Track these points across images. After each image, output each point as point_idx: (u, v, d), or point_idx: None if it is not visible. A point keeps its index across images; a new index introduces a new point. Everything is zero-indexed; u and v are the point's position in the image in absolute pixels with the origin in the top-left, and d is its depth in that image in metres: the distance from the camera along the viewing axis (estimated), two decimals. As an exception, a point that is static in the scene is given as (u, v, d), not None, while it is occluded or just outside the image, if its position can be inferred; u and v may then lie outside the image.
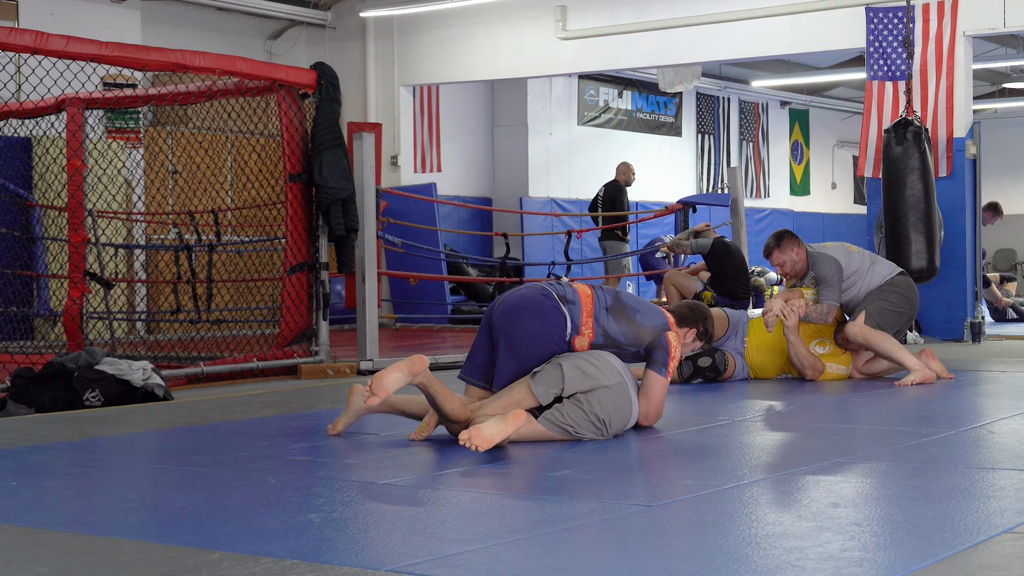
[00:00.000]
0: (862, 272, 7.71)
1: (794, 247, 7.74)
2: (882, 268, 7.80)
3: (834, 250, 7.75)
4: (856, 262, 7.73)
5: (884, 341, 7.45)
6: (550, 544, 3.28)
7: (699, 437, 5.30)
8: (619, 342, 5.27)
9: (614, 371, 5.11)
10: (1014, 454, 4.74)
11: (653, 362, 5.33)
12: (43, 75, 8.12)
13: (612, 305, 5.30)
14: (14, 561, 3.13)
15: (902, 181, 10.54)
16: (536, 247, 17.34)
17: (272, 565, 3.03)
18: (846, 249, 7.79)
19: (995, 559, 3.06)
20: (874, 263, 7.80)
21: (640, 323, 5.30)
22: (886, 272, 7.76)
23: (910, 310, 7.73)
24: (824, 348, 7.73)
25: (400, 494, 3.99)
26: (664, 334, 5.32)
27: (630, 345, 5.30)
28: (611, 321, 5.26)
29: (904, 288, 7.72)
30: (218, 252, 11.20)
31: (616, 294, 5.39)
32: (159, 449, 5.44)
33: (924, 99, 11.68)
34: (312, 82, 9.01)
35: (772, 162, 23.21)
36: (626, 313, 5.30)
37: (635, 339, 5.29)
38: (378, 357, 9.05)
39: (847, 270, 7.66)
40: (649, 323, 5.32)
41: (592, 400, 5.04)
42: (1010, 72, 20.55)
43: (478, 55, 14.80)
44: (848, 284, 7.68)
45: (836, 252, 7.72)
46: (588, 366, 5.07)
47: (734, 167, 15.15)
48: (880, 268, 7.79)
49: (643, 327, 5.30)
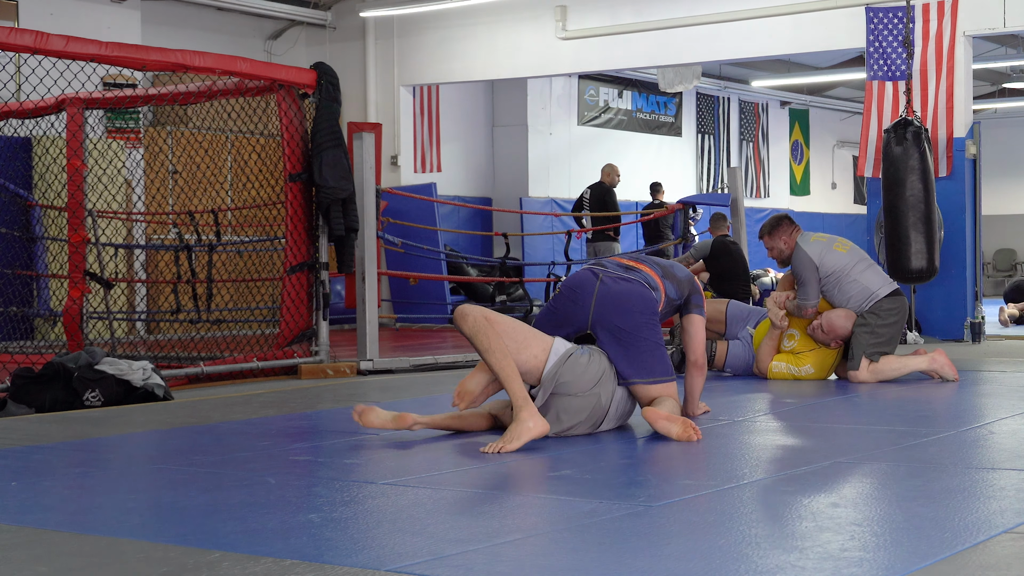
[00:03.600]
0: (842, 275, 7.53)
1: (784, 236, 7.74)
2: (873, 279, 7.58)
3: (816, 246, 7.61)
4: (838, 263, 7.55)
5: (889, 370, 7.44)
6: (550, 544, 3.28)
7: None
8: (675, 301, 5.60)
9: (590, 382, 5.18)
10: (1014, 454, 4.74)
11: (694, 306, 5.65)
12: (43, 75, 8.12)
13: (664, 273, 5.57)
14: (14, 561, 3.13)
15: (902, 181, 10.53)
16: (536, 247, 17.34)
17: (272, 565, 3.03)
18: (830, 248, 7.63)
19: (995, 559, 3.06)
20: (866, 270, 7.60)
21: (679, 277, 5.63)
22: (875, 286, 7.54)
23: (902, 322, 7.64)
24: (791, 342, 7.71)
25: (400, 494, 3.99)
26: (694, 280, 5.70)
27: (678, 300, 5.61)
28: (670, 286, 5.55)
29: (893, 313, 7.52)
30: (218, 252, 11.20)
31: (657, 262, 5.69)
32: (159, 449, 5.43)
33: (924, 99, 11.68)
34: (312, 82, 9.01)
35: (772, 162, 23.21)
36: (672, 274, 5.61)
37: (682, 294, 5.61)
38: (378, 357, 9.05)
39: (823, 270, 7.54)
40: (684, 275, 5.67)
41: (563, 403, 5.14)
42: (1010, 72, 20.56)
43: (478, 55, 14.81)
44: (825, 284, 7.59)
45: (817, 249, 7.58)
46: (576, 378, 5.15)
47: (734, 167, 15.15)
48: (871, 279, 7.57)
49: (683, 280, 5.63)
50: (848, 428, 5.87)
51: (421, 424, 5.21)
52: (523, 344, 5.07)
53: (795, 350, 7.67)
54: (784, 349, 7.70)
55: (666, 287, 5.51)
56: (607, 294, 5.32)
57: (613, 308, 5.29)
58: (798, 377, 7.61)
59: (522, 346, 5.07)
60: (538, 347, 5.10)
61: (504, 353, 4.96)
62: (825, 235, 7.90)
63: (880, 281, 7.62)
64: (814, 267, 7.53)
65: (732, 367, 7.91)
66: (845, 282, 7.55)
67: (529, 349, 5.08)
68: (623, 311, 5.29)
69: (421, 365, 9.16)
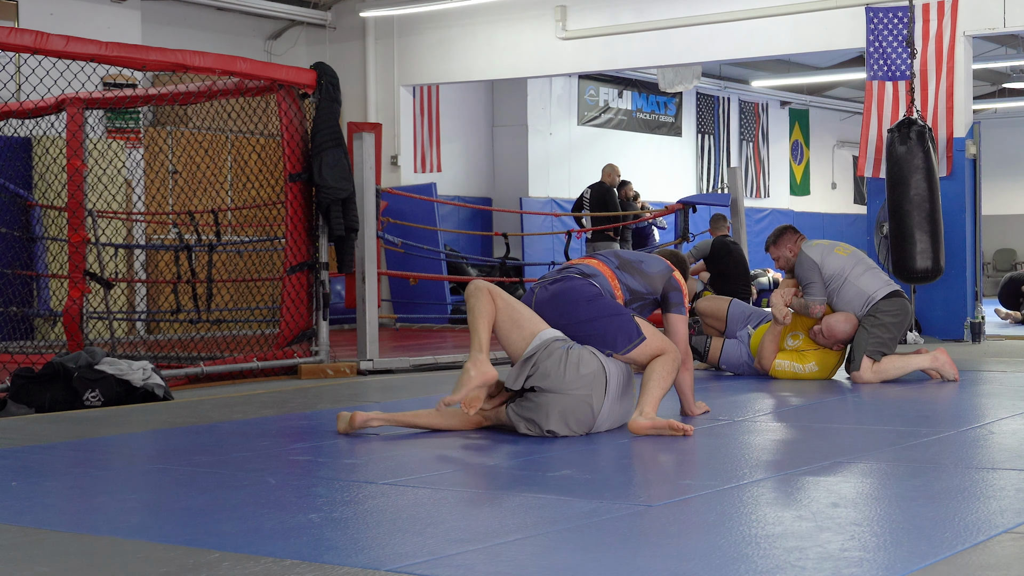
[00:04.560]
0: (842, 278, 7.56)
1: (788, 244, 7.83)
2: (870, 282, 7.59)
3: (817, 249, 7.66)
4: (837, 266, 7.59)
5: (891, 368, 7.45)
6: (550, 544, 3.28)
7: (699, 437, 5.30)
8: (642, 293, 5.60)
9: (586, 381, 5.16)
10: (1014, 454, 4.74)
11: (672, 304, 5.68)
12: (43, 75, 8.12)
13: (620, 264, 5.63)
14: (14, 561, 3.13)
15: (906, 181, 10.53)
16: (536, 247, 17.34)
17: (272, 565, 3.03)
18: (831, 251, 7.67)
19: (995, 559, 3.06)
20: (864, 274, 7.61)
21: (648, 271, 5.65)
22: (872, 289, 7.56)
23: (903, 323, 7.63)
24: (795, 341, 7.73)
25: (400, 494, 3.99)
26: (671, 275, 5.69)
27: (649, 294, 5.63)
28: (627, 277, 5.58)
29: (890, 314, 7.53)
30: (218, 252, 11.20)
31: (615, 253, 5.75)
32: (159, 449, 5.43)
33: (924, 99, 11.67)
34: (312, 82, 9.01)
35: (772, 162, 23.21)
36: (632, 267, 5.64)
37: (651, 288, 5.63)
38: (378, 357, 9.05)
39: (825, 272, 7.58)
40: (655, 270, 5.67)
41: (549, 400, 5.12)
42: (1010, 72, 20.55)
43: (478, 55, 14.80)
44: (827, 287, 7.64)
45: (818, 252, 7.63)
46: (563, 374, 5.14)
47: (734, 167, 15.16)
48: (868, 282, 7.58)
49: (652, 275, 5.64)
50: (848, 428, 5.87)
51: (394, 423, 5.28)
52: (517, 323, 5.18)
53: (799, 348, 7.69)
54: (788, 348, 7.72)
55: (622, 277, 5.55)
56: (542, 303, 5.42)
57: (553, 311, 5.37)
58: (801, 375, 7.62)
59: (516, 324, 5.17)
60: (529, 331, 5.19)
61: (484, 313, 5.07)
62: (827, 241, 7.95)
63: (877, 284, 7.62)
64: (816, 267, 7.58)
65: (727, 363, 7.93)
66: (843, 287, 7.58)
67: (521, 330, 5.18)
68: (562, 310, 5.37)
69: (421, 365, 9.16)
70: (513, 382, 5.12)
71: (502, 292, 5.22)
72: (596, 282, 5.46)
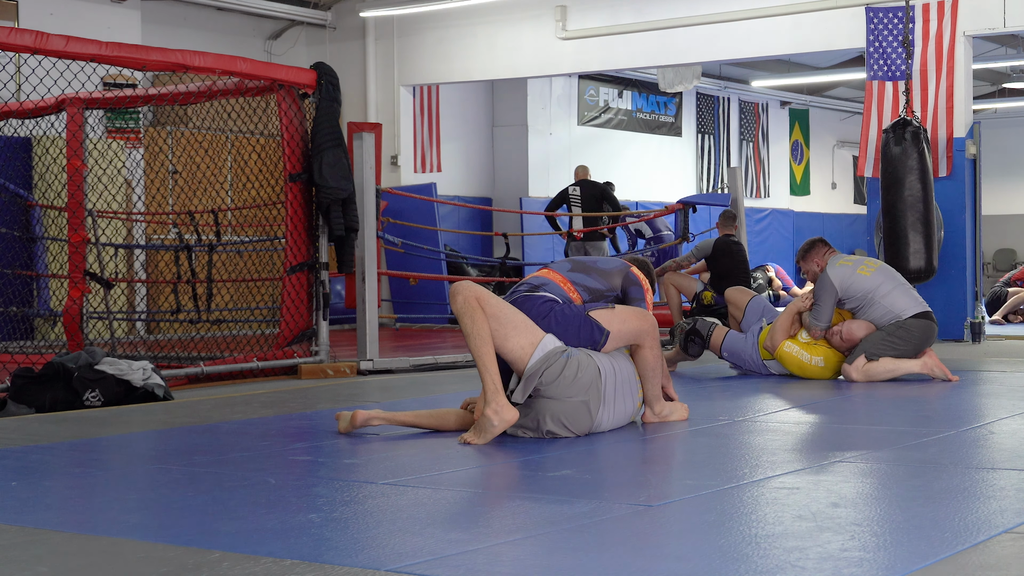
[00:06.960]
0: (867, 301, 7.59)
1: (817, 258, 7.90)
2: (897, 301, 7.60)
3: (842, 270, 7.67)
4: (862, 288, 7.61)
5: (882, 370, 7.47)
6: (550, 544, 3.28)
7: (699, 437, 5.30)
8: (600, 291, 5.63)
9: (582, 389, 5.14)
10: (1014, 454, 4.74)
11: (633, 300, 5.71)
12: (43, 75, 8.12)
13: (573, 266, 5.70)
14: (14, 561, 3.13)
15: (900, 181, 10.53)
16: (536, 247, 17.34)
17: (272, 565, 3.03)
18: (855, 272, 7.67)
19: (995, 559, 3.06)
20: (891, 292, 7.62)
21: (603, 269, 5.74)
22: (899, 309, 7.58)
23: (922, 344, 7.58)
24: (808, 336, 7.77)
25: (400, 494, 3.99)
26: (629, 271, 5.76)
27: (609, 291, 5.67)
28: (582, 277, 5.62)
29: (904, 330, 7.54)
30: (218, 252, 11.20)
31: (570, 259, 5.85)
32: (159, 449, 5.43)
33: (924, 99, 11.68)
34: (312, 82, 9.01)
35: (772, 162, 23.20)
36: (587, 266, 5.73)
37: (609, 284, 5.68)
38: (378, 357, 9.05)
39: (848, 295, 7.62)
40: (611, 266, 5.77)
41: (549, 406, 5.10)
42: (1010, 72, 20.55)
43: (478, 55, 14.80)
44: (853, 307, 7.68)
45: (842, 274, 7.64)
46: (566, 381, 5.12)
47: (734, 167, 15.15)
48: (895, 301, 7.60)
49: (608, 271, 5.72)
50: (848, 428, 5.87)
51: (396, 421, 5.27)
52: (511, 332, 5.01)
53: (811, 342, 7.71)
54: (800, 340, 7.75)
55: (575, 279, 5.57)
56: None
57: None
58: (806, 366, 7.64)
59: (510, 334, 5.01)
60: (526, 339, 5.04)
61: (484, 339, 4.92)
62: (853, 258, 7.95)
63: (905, 303, 7.64)
64: (834, 291, 7.61)
65: (729, 351, 7.95)
66: (870, 307, 7.63)
67: (517, 339, 5.02)
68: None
69: (421, 365, 9.16)
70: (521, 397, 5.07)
71: (488, 296, 5.03)
72: (546, 291, 5.37)
